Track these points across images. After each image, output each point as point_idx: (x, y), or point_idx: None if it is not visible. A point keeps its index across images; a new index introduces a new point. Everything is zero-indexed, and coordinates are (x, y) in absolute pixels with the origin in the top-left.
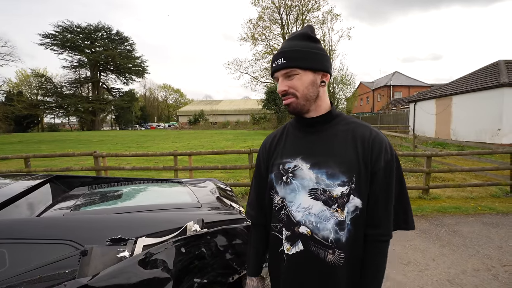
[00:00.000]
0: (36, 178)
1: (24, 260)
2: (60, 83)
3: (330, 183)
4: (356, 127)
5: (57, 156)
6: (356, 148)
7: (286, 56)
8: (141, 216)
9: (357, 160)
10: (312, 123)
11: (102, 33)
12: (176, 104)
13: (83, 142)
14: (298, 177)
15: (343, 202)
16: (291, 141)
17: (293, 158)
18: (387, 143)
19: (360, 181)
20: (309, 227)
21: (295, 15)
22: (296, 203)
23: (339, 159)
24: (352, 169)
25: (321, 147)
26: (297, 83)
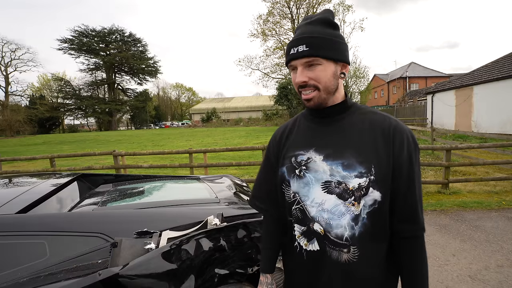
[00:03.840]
0: (64, 177)
1: (62, 251)
2: (78, 86)
3: (346, 174)
4: (374, 116)
5: (79, 156)
6: (375, 138)
7: (310, 43)
8: (164, 210)
9: (376, 151)
10: (327, 114)
11: (115, 36)
12: (188, 103)
13: (101, 142)
14: (312, 170)
15: (360, 195)
16: (304, 132)
17: (306, 150)
18: (409, 132)
19: (380, 172)
20: (322, 224)
21: (306, 8)
22: (310, 198)
23: (356, 149)
24: (371, 160)
25: (336, 137)
26: (321, 74)
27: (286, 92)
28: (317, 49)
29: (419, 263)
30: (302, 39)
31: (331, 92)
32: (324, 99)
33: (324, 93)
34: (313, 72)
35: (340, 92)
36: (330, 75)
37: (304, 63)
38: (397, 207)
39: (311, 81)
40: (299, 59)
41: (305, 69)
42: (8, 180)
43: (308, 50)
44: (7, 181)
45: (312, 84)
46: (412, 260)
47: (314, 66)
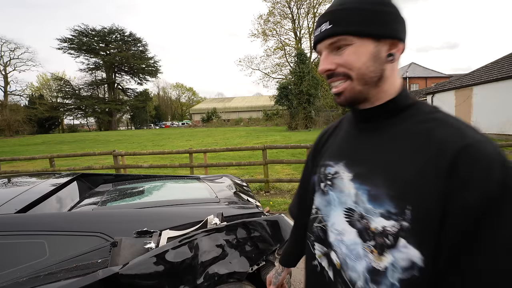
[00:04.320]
0: (64, 177)
1: (62, 251)
2: (77, 86)
3: (370, 208)
4: (438, 127)
5: (79, 156)
6: (426, 163)
7: (334, 18)
8: (164, 210)
9: (420, 184)
10: (368, 116)
11: (116, 35)
12: (189, 103)
13: (101, 142)
14: (336, 188)
15: (383, 243)
16: (340, 139)
17: (336, 162)
18: (497, 164)
19: (421, 220)
20: (339, 257)
21: (306, 8)
22: (330, 220)
23: (390, 176)
24: (407, 196)
25: (373, 152)
26: (351, 57)
27: (287, 92)
28: (343, 24)
29: None
30: (325, 15)
31: (371, 83)
32: (361, 93)
33: (359, 84)
34: (341, 56)
35: (392, 84)
36: (367, 58)
37: (329, 45)
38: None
39: (340, 68)
40: (323, 41)
41: (331, 54)
42: (7, 180)
43: (331, 27)
44: (7, 181)
45: (341, 72)
46: None
47: (342, 47)
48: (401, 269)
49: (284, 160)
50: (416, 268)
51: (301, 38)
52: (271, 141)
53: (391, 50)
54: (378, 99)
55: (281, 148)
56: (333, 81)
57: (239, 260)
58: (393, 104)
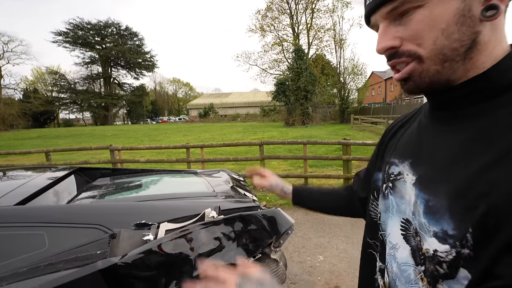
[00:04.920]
0: (61, 170)
1: (61, 242)
2: (73, 80)
3: (425, 223)
4: None
5: (75, 150)
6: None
7: None
8: (162, 203)
9: (500, 203)
10: (448, 101)
11: (111, 29)
12: (186, 98)
13: (97, 136)
14: (397, 193)
15: (435, 272)
16: (411, 132)
17: (401, 161)
18: None
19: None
20: (389, 276)
21: (304, 4)
22: (387, 229)
23: (457, 184)
24: (473, 216)
25: (443, 151)
26: (423, 27)
27: (284, 88)
28: None
29: None
30: None
31: (455, 57)
32: (439, 74)
33: (434, 64)
34: (408, 26)
35: (491, 53)
36: (448, 22)
37: (388, 13)
38: None
39: (407, 45)
40: (379, 10)
41: (392, 25)
42: (4, 173)
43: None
44: (3, 175)
45: (406, 50)
46: None
47: (407, 13)
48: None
49: (281, 155)
50: None
51: (299, 34)
52: (268, 137)
53: (491, 1)
54: (466, 77)
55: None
56: (396, 63)
57: (236, 252)
58: (483, 81)
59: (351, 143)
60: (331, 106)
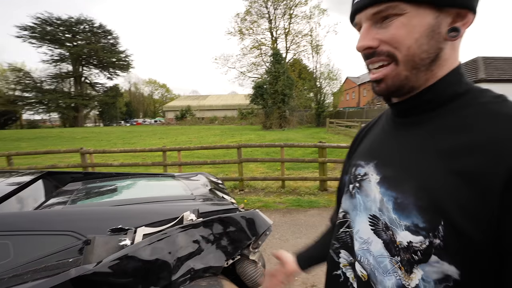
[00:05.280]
0: (28, 175)
1: (28, 251)
2: (40, 78)
3: (395, 218)
4: (497, 123)
5: (41, 154)
6: (477, 169)
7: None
8: (139, 207)
9: (462, 196)
10: (406, 109)
11: (84, 26)
12: (162, 100)
13: (66, 139)
14: (363, 192)
15: (411, 259)
16: (375, 136)
17: (367, 162)
18: None
19: (458, 239)
20: (366, 269)
21: (283, 9)
22: (355, 227)
23: (422, 182)
24: (440, 210)
25: (405, 153)
26: (400, 32)
27: (262, 92)
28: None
29: None
30: None
31: (422, 66)
32: (407, 79)
33: (405, 68)
34: (387, 29)
35: (448, 67)
36: (422, 33)
37: (372, 15)
38: None
39: (383, 46)
40: (364, 10)
41: (374, 27)
42: None
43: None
44: None
45: (384, 50)
46: None
47: (390, 19)
48: (433, 282)
49: (259, 158)
50: (451, 280)
51: (277, 38)
52: (245, 140)
53: (455, 23)
54: (425, 85)
55: (256, 147)
56: (373, 62)
57: (215, 254)
58: (439, 89)
59: (326, 146)
60: (308, 109)
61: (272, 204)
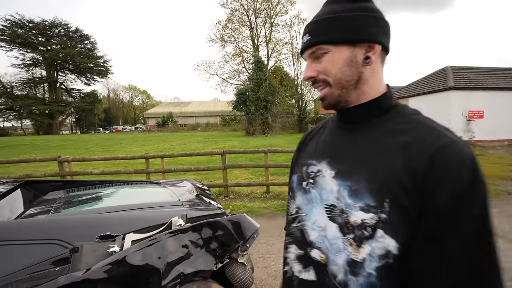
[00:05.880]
0: (5, 184)
1: (11, 262)
2: (10, 83)
3: (351, 202)
4: (417, 128)
5: (14, 162)
6: (405, 159)
7: (312, 30)
8: (126, 214)
9: (400, 179)
10: (351, 117)
11: (59, 30)
12: (143, 106)
13: (40, 147)
14: (318, 186)
15: (362, 235)
16: (324, 138)
17: (319, 161)
18: (469, 163)
19: (398, 213)
20: (325, 252)
21: (264, 18)
22: (311, 218)
23: (371, 171)
24: (386, 190)
25: (355, 150)
26: (328, 65)
27: (244, 98)
28: (318, 34)
29: None
30: (306, 27)
31: (349, 86)
32: (340, 97)
33: (336, 89)
34: (320, 64)
35: (373, 86)
36: (342, 63)
37: (310, 55)
38: (411, 274)
39: (320, 75)
40: (305, 51)
41: (313, 62)
42: None
43: (310, 39)
44: None
45: (321, 78)
46: None
47: (321, 56)
48: (377, 257)
49: (243, 164)
50: (391, 256)
51: (258, 46)
52: (229, 146)
53: (368, 53)
54: (359, 101)
55: (240, 153)
56: (317, 87)
57: (204, 258)
58: (375, 104)
59: None
60: (290, 116)
61: (257, 210)
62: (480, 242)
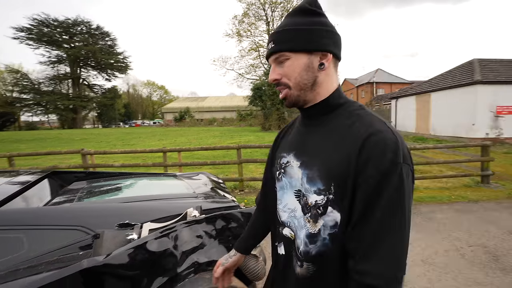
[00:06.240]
0: (34, 174)
1: (41, 244)
2: (37, 80)
3: (308, 187)
4: (357, 121)
5: (42, 155)
6: (346, 149)
7: (276, 39)
8: (143, 204)
9: (343, 165)
10: (308, 115)
11: (81, 28)
12: (160, 101)
13: (64, 140)
14: (288, 175)
15: (317, 213)
16: (293, 134)
17: (288, 153)
18: (392, 146)
19: (342, 192)
20: (293, 230)
21: (281, 11)
22: (283, 202)
23: (322, 161)
24: (331, 176)
25: (313, 143)
26: (289, 69)
27: (260, 93)
28: (281, 43)
29: None
30: (270, 36)
31: (305, 88)
32: (299, 97)
33: (295, 90)
34: (283, 68)
35: (326, 88)
36: (301, 69)
37: (274, 60)
38: (347, 236)
39: (283, 79)
40: (270, 57)
41: (277, 66)
42: None
43: (274, 46)
44: None
45: (284, 82)
46: None
47: (283, 61)
48: (329, 227)
49: (258, 159)
50: (338, 225)
51: None
52: (245, 141)
53: (322, 60)
54: (315, 101)
55: (255, 148)
56: (279, 89)
57: (218, 249)
58: (325, 103)
59: None
60: None
61: None
62: (394, 206)
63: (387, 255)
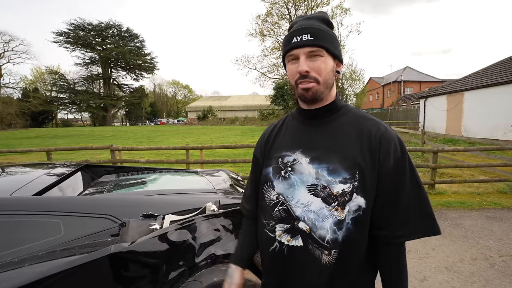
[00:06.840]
0: (69, 166)
1: (75, 230)
2: (73, 80)
3: (331, 179)
4: (364, 121)
5: (76, 150)
6: (362, 143)
7: (314, 33)
8: (166, 197)
9: (362, 157)
10: (315, 115)
11: (112, 31)
12: (185, 100)
13: (96, 137)
14: (297, 172)
15: (344, 200)
16: (292, 133)
17: (293, 151)
18: (397, 140)
19: (365, 179)
20: (308, 223)
21: (304, 10)
22: (295, 198)
23: (342, 154)
24: (355, 166)
25: (324, 140)
26: (322, 66)
27: (283, 93)
28: (322, 40)
29: (394, 271)
30: (306, 29)
31: (329, 88)
32: (322, 93)
33: (322, 87)
34: (315, 63)
35: (333, 91)
36: (329, 69)
37: (308, 52)
38: (377, 212)
39: (313, 73)
40: (302, 48)
41: (307, 59)
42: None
43: (312, 40)
44: (16, 170)
45: (313, 76)
46: (386, 267)
47: (317, 57)
48: (353, 212)
49: None
50: (361, 209)
51: None
52: None
53: (338, 68)
54: (326, 100)
55: None
56: (306, 81)
57: (234, 243)
58: (334, 104)
59: None
60: None
61: None
62: (415, 181)
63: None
